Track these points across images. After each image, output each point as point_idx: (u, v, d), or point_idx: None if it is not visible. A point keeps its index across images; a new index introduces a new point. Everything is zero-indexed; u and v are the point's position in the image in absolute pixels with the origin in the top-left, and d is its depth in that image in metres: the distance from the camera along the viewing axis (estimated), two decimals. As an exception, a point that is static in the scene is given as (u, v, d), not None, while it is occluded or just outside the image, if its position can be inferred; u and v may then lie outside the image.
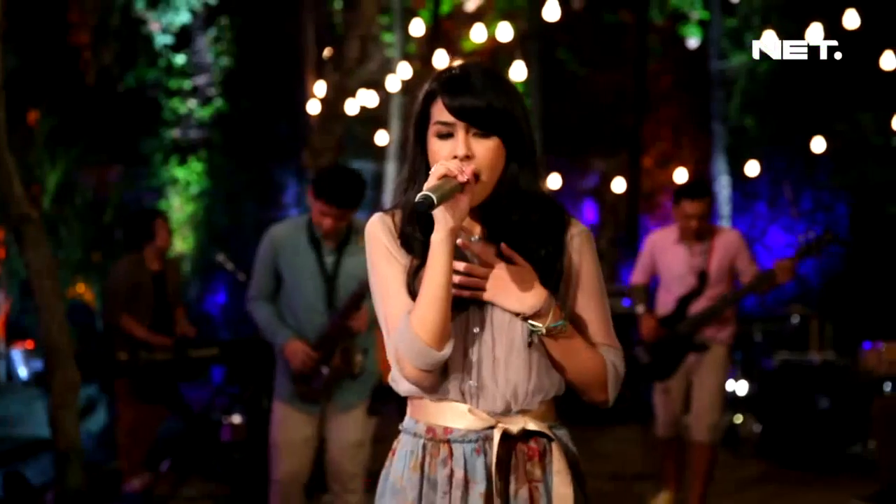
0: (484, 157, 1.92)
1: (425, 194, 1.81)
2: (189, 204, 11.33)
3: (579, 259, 2.04)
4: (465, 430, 1.97)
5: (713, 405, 5.17)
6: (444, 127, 1.94)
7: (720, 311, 5.14)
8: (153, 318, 5.91)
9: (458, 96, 1.92)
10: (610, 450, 7.16)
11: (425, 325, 1.88)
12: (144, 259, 5.99)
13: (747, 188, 10.68)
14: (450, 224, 1.87)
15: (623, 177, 10.50)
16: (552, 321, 1.94)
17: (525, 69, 7.23)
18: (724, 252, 5.21)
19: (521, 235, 1.98)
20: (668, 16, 10.96)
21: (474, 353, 1.97)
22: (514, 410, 1.98)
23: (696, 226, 5.16)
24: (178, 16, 11.16)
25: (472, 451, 1.96)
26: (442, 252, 1.88)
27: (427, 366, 1.90)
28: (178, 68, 11.35)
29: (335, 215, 3.99)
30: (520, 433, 1.98)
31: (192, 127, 11.46)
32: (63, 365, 4.92)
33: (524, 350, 1.97)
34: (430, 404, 2.00)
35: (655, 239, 5.49)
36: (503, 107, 1.92)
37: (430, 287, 1.88)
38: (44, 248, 4.92)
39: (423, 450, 1.99)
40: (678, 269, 5.26)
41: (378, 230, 2.02)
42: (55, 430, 4.95)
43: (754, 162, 9.22)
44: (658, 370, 5.29)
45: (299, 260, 4.10)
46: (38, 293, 4.90)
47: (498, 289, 1.95)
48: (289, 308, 4.15)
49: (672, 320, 5.25)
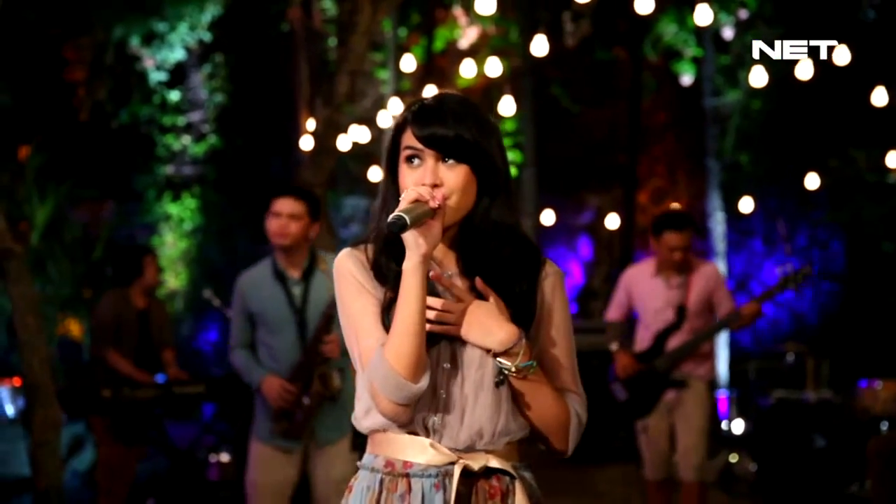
0: (453, 184, 1.89)
1: (398, 215, 1.77)
2: (182, 240, 11.30)
3: (551, 300, 2.01)
4: (425, 464, 1.91)
5: (698, 443, 5.06)
6: (413, 152, 1.91)
7: (696, 346, 5.05)
8: (136, 356, 5.83)
9: (428, 125, 1.89)
10: (604, 489, 7.07)
11: (400, 356, 1.82)
12: (130, 295, 5.93)
13: (742, 225, 10.65)
14: (422, 249, 1.83)
15: (618, 213, 10.48)
16: (522, 360, 1.89)
17: (514, 105, 7.22)
18: (703, 285, 5.12)
19: (495, 270, 1.94)
20: (662, 53, 10.97)
21: (443, 389, 1.91)
22: (478, 448, 1.93)
23: (681, 257, 5.07)
24: (172, 53, 11.18)
25: (431, 486, 1.90)
26: (415, 279, 1.83)
27: (403, 399, 1.85)
28: (172, 105, 11.37)
29: (287, 211, 3.97)
30: (481, 470, 1.92)
31: (186, 163, 11.46)
32: (44, 403, 4.85)
33: (493, 390, 1.91)
34: (393, 438, 1.94)
35: (631, 274, 5.40)
36: (473, 138, 1.89)
37: (404, 316, 1.83)
38: (27, 284, 4.87)
39: (380, 485, 1.94)
40: (655, 304, 5.16)
41: (348, 264, 1.97)
42: (35, 470, 4.87)
43: (748, 198, 9.19)
44: (636, 408, 5.18)
45: (267, 296, 4.08)
46: (20, 329, 4.84)
47: (469, 324, 1.90)
48: (266, 349, 4.11)
49: (649, 356, 5.14)
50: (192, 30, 11.13)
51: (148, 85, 11.26)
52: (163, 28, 11.04)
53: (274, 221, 4.02)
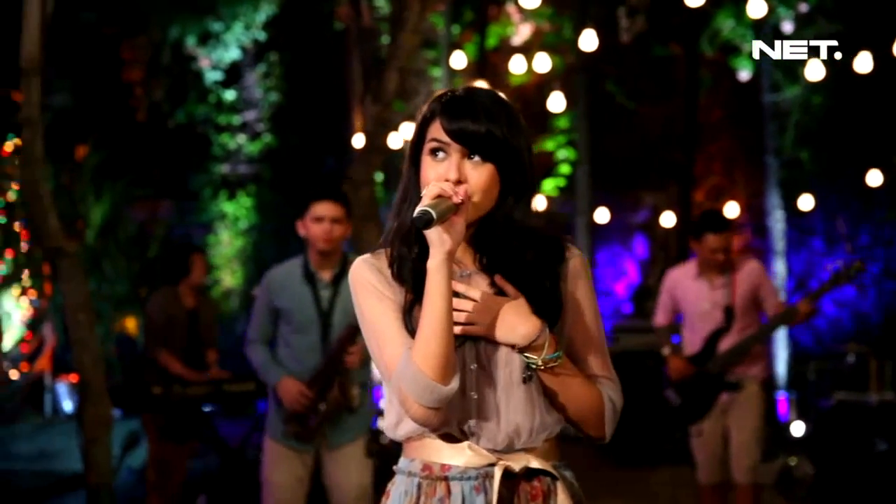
0: (477, 183, 1.83)
1: (424, 209, 1.72)
2: (238, 239, 11.38)
3: (574, 286, 1.95)
4: (463, 466, 1.86)
5: (752, 445, 4.97)
6: (438, 144, 1.85)
7: (749, 348, 4.96)
8: (185, 355, 5.86)
9: (458, 119, 1.83)
10: (656, 491, 6.98)
11: (428, 357, 1.77)
12: (179, 294, 5.95)
13: (802, 223, 10.44)
14: (447, 246, 1.77)
15: (674, 211, 10.32)
16: (548, 353, 1.84)
17: (564, 101, 7.13)
18: (748, 283, 5.03)
19: (515, 266, 1.88)
20: (719, 48, 10.79)
21: (473, 391, 1.86)
22: (517, 448, 1.87)
23: (723, 259, 4.99)
24: (227, 52, 11.28)
25: (471, 488, 1.85)
26: (440, 277, 1.78)
27: (434, 402, 1.79)
28: (227, 104, 11.46)
29: (329, 215, 3.94)
30: (522, 471, 1.87)
31: (241, 162, 11.55)
32: (96, 400, 4.91)
33: (523, 386, 1.86)
34: (428, 441, 1.89)
35: (674, 276, 5.31)
36: (503, 136, 1.83)
37: (430, 316, 1.78)
38: (79, 282, 4.92)
39: (418, 489, 1.89)
40: (701, 306, 5.08)
41: (365, 272, 1.91)
42: (87, 466, 4.93)
43: (808, 196, 9.00)
44: (690, 412, 5.10)
45: (294, 296, 4.05)
46: (72, 327, 4.90)
47: (491, 322, 1.85)
48: (287, 348, 4.09)
49: (701, 359, 5.06)
50: (247, 29, 11.22)
51: (204, 84, 11.37)
52: (218, 28, 11.14)
53: (316, 227, 3.99)
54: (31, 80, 4.76)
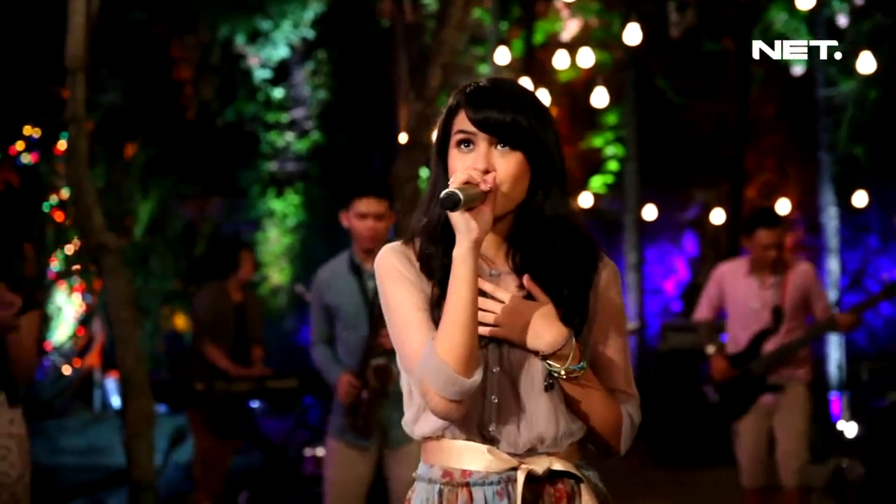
0: (505, 171, 1.78)
1: (451, 191, 1.67)
2: (286, 236, 11.44)
3: (605, 298, 1.89)
4: (485, 471, 1.80)
5: (799, 447, 4.87)
6: (465, 136, 1.80)
7: (794, 351, 4.87)
8: (232, 350, 5.88)
9: (483, 108, 1.79)
10: (702, 493, 6.87)
11: (451, 348, 1.72)
12: (227, 289, 5.98)
13: (856, 220, 10.24)
14: (473, 234, 1.72)
15: (724, 208, 10.18)
16: (572, 363, 1.78)
17: (608, 97, 7.04)
18: (799, 285, 4.93)
19: (547, 267, 1.82)
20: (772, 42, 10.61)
21: (494, 395, 1.81)
22: (540, 452, 1.82)
23: (775, 256, 4.88)
24: (276, 50, 11.33)
25: (493, 494, 1.80)
26: (466, 267, 1.72)
27: (456, 395, 1.73)
28: (276, 102, 11.52)
29: (373, 212, 3.93)
30: (545, 474, 1.82)
31: (290, 159, 11.60)
32: (138, 395, 4.92)
33: (546, 394, 1.81)
34: (447, 446, 1.84)
35: (725, 270, 5.19)
36: (529, 125, 1.78)
37: (455, 306, 1.73)
38: (122, 279, 4.95)
39: (440, 496, 1.84)
40: (750, 304, 4.97)
41: (392, 259, 1.86)
42: (129, 461, 4.94)
43: (863, 192, 8.82)
44: (728, 410, 5.00)
45: (342, 290, 4.04)
46: (114, 323, 4.93)
47: (516, 325, 1.79)
48: (344, 346, 4.08)
49: (744, 358, 4.96)
50: (296, 27, 11.26)
51: (252, 82, 11.44)
52: (267, 26, 11.20)
53: (360, 224, 3.98)
54: (75, 78, 4.79)
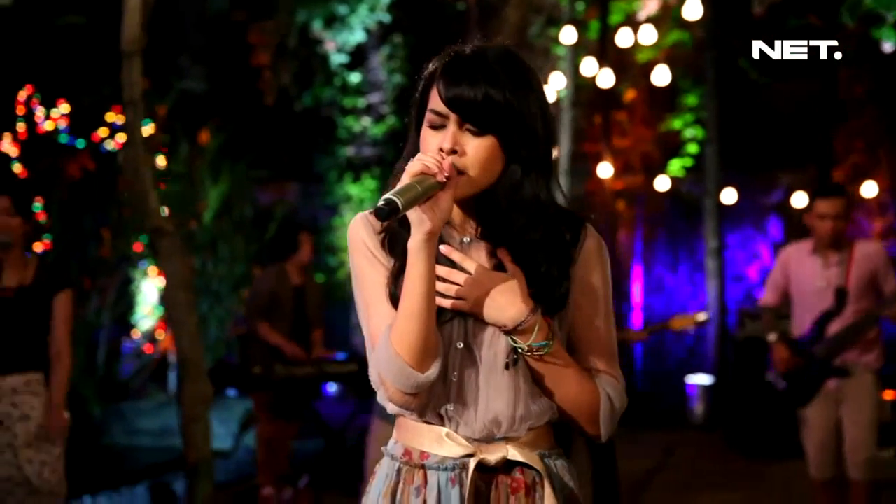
0: (473, 156, 1.69)
1: (388, 198, 1.59)
2: (363, 221, 11.45)
3: (586, 272, 1.78)
4: (441, 456, 1.74)
5: (867, 438, 4.65)
6: (436, 117, 1.71)
7: (857, 333, 4.62)
8: (291, 332, 5.88)
9: (455, 85, 1.69)
10: (775, 485, 6.67)
11: (405, 341, 1.66)
12: (287, 271, 5.98)
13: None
14: (426, 227, 1.64)
15: (807, 192, 9.82)
16: (537, 339, 1.68)
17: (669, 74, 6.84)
18: (865, 265, 4.68)
19: (520, 248, 1.73)
20: (861, 18, 10.19)
21: (455, 372, 1.73)
22: (497, 437, 1.73)
23: (832, 227, 4.65)
24: (353, 35, 11.33)
25: (447, 480, 1.73)
26: (420, 259, 1.65)
27: (410, 388, 1.68)
28: (352, 87, 11.52)
29: None
30: (499, 463, 1.73)
31: (366, 144, 11.60)
32: (194, 378, 4.94)
33: (507, 372, 1.71)
34: (410, 425, 1.78)
35: (789, 251, 4.99)
36: (504, 100, 1.67)
37: (409, 298, 1.66)
38: (179, 262, 4.96)
39: (398, 474, 1.78)
40: (814, 284, 4.76)
41: (361, 231, 1.80)
42: (186, 444, 4.98)
43: (957, 175, 8.40)
44: (795, 397, 4.79)
45: None
46: (171, 306, 4.95)
47: (480, 298, 1.70)
48: None
49: (808, 343, 4.74)
50: (372, 11, 11.24)
51: (329, 67, 11.46)
52: (343, 11, 11.20)
53: None
54: (132, 61, 4.81)
